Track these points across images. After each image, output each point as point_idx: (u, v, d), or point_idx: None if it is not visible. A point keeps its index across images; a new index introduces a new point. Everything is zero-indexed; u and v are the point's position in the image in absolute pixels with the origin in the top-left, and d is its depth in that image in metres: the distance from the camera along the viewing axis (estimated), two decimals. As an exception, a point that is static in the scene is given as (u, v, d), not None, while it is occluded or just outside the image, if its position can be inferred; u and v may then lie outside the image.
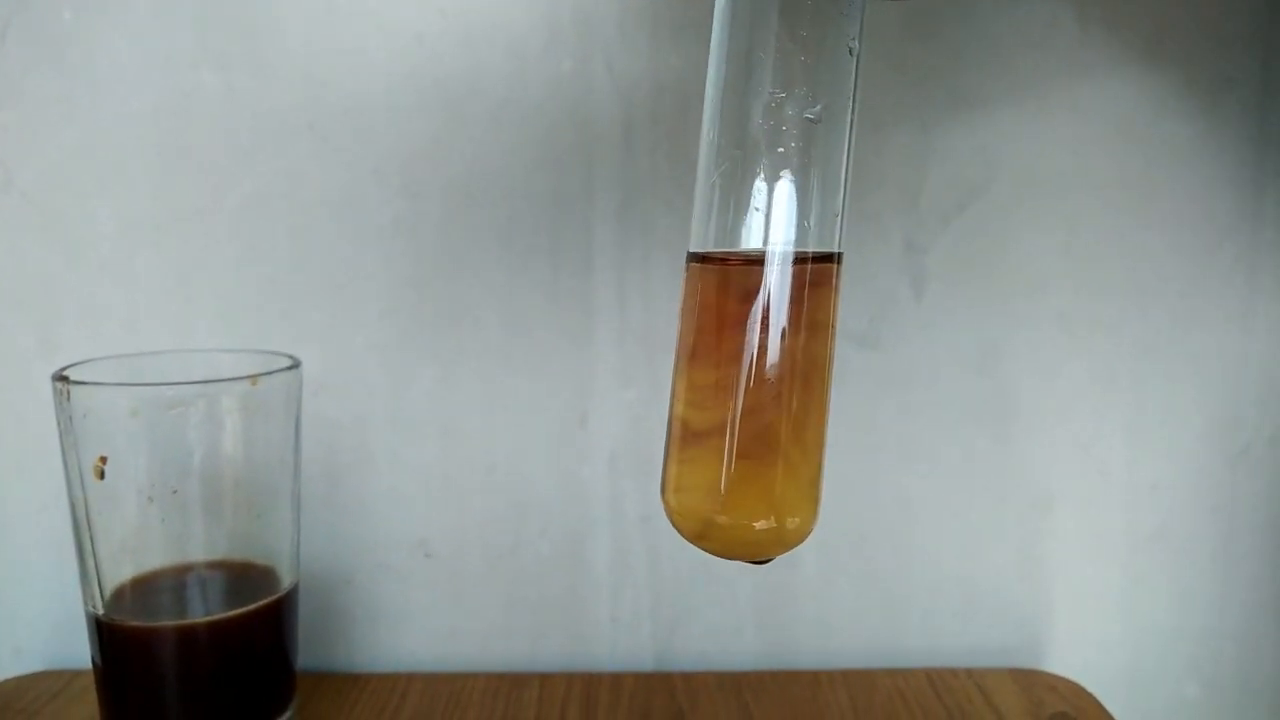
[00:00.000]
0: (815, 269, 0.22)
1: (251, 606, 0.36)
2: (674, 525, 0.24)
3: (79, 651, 0.45)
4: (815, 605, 0.45)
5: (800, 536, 0.23)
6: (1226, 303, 0.43)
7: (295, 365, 0.36)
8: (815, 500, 0.24)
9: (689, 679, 0.44)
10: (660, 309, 0.43)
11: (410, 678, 0.44)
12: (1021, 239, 0.43)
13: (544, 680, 0.43)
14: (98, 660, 0.36)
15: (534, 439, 0.44)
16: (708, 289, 0.23)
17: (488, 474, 0.45)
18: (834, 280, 0.23)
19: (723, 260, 0.22)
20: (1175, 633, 0.46)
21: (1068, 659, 0.45)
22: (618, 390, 0.44)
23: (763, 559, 0.24)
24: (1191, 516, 0.45)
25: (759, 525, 0.22)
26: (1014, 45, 0.42)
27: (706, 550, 0.24)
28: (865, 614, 0.45)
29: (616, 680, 0.43)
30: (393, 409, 0.44)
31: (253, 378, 0.35)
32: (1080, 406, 0.44)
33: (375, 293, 0.43)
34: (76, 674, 0.44)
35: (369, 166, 0.42)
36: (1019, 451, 0.44)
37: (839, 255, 0.23)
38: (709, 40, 0.22)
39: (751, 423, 0.23)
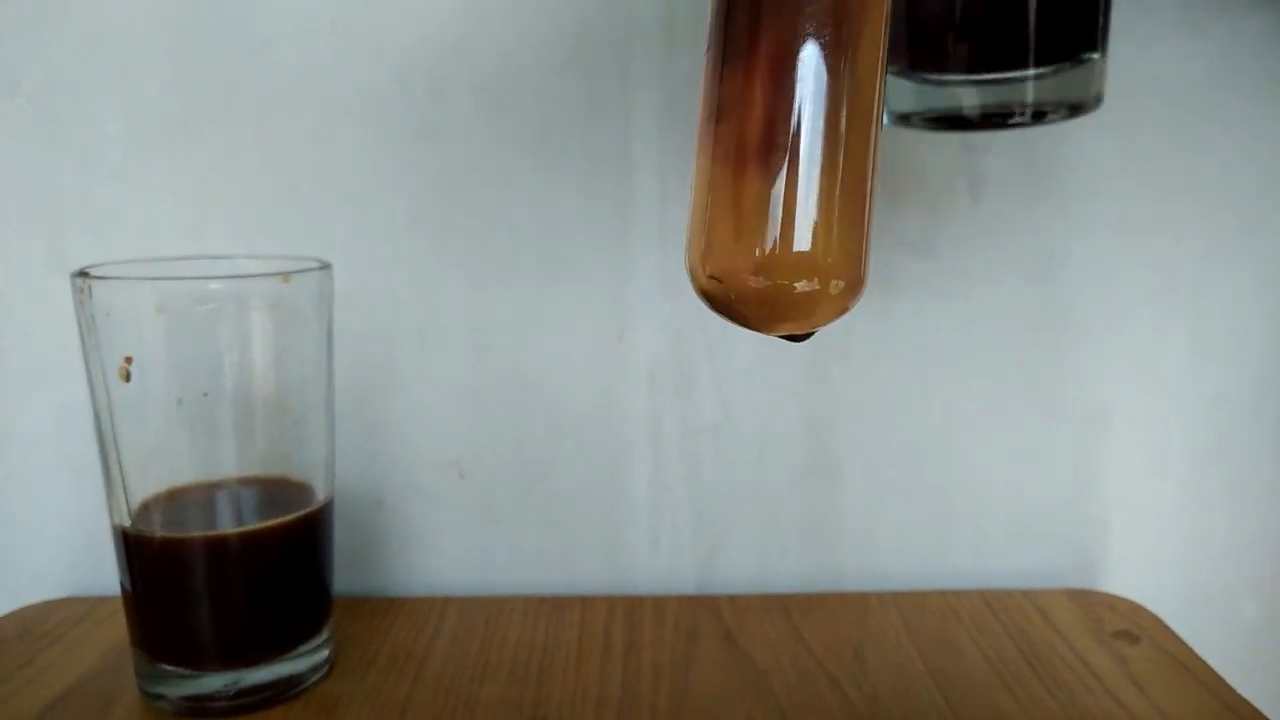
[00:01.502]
0: None
1: (286, 518, 0.34)
2: (702, 293, 0.21)
3: (98, 578, 0.44)
4: (861, 524, 0.44)
5: (844, 305, 0.21)
6: (1295, 204, 0.41)
7: (326, 266, 0.34)
8: (861, 262, 0.21)
9: (734, 601, 0.42)
10: (702, 216, 0.41)
11: (446, 601, 0.42)
12: (1080, 140, 0.41)
13: (585, 603, 0.42)
14: (125, 575, 0.34)
15: (569, 354, 0.43)
16: None
17: (521, 391, 0.43)
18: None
19: None
20: (1233, 551, 0.44)
21: (1121, 579, 0.44)
22: (658, 302, 0.42)
23: (801, 332, 0.22)
24: (1253, 430, 0.43)
25: (799, 287, 0.21)
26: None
27: (737, 320, 0.22)
28: (913, 534, 0.44)
29: (659, 603, 0.42)
30: (421, 323, 0.42)
31: (284, 275, 0.33)
32: (1139, 315, 0.42)
33: (401, 201, 0.41)
34: (100, 600, 0.42)
35: (394, 66, 0.40)
36: (1075, 363, 0.42)
37: None
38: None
39: (793, 163, 0.20)
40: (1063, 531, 0.44)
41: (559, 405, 0.43)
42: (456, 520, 0.44)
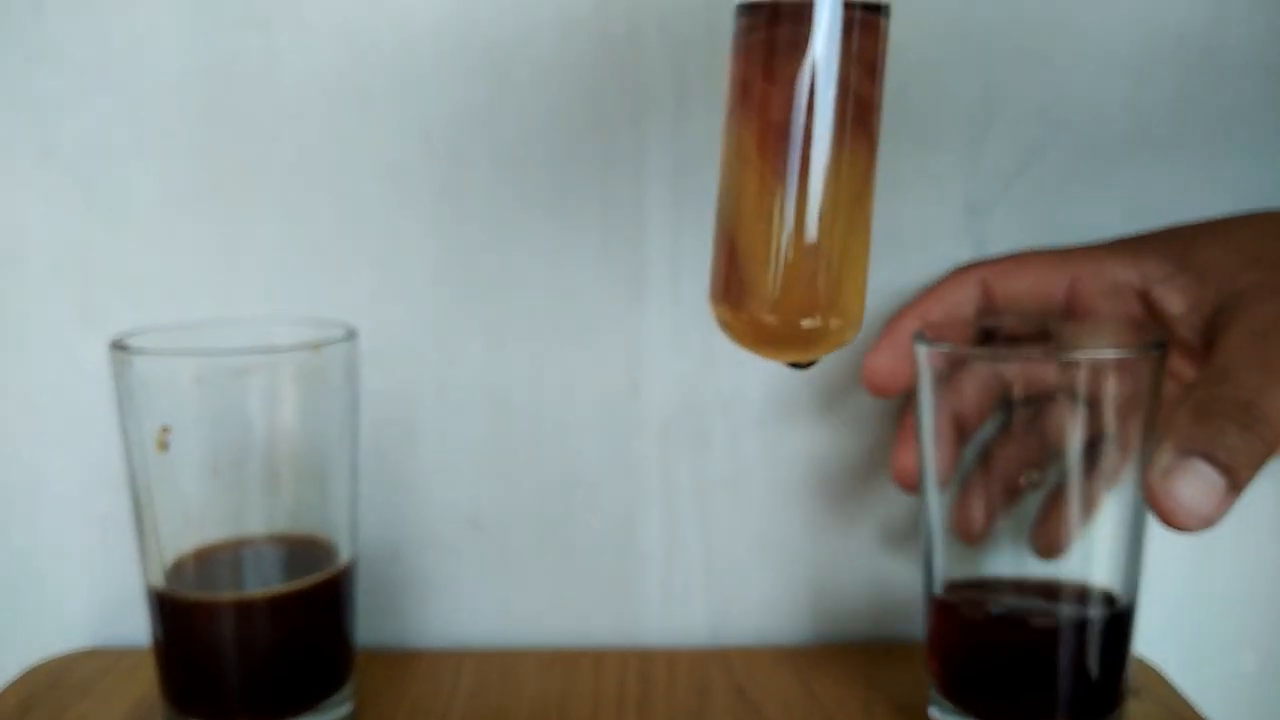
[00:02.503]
0: (864, 16, 0.23)
1: (311, 580, 0.35)
2: (720, 323, 0.25)
3: (123, 629, 0.45)
4: (871, 578, 0.45)
5: (843, 339, 0.25)
6: (1293, 267, 0.42)
7: (354, 335, 0.36)
8: (859, 303, 0.25)
9: (746, 654, 0.43)
10: (715, 277, 0.42)
11: (463, 655, 0.43)
12: (1082, 201, 0.42)
13: (598, 656, 0.43)
14: (157, 633, 0.35)
15: (584, 410, 0.44)
16: (755, 43, 0.23)
17: (537, 445, 0.44)
18: (880, 34, 0.24)
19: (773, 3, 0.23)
20: (1234, 605, 0.45)
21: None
22: (670, 360, 0.43)
23: (805, 361, 0.26)
24: (1252, 486, 0.44)
25: (805, 324, 0.24)
26: (1075, 4, 0.41)
27: (749, 348, 0.25)
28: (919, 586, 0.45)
29: (671, 656, 0.43)
30: (440, 380, 0.43)
31: (315, 346, 0.34)
32: (1142, 374, 0.43)
33: (422, 261, 0.42)
34: (124, 651, 0.43)
35: (416, 132, 0.41)
36: (1079, 420, 0.43)
37: (886, 8, 0.24)
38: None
39: (800, 218, 0.23)
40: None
41: (574, 459, 0.44)
42: (473, 572, 0.45)
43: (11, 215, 0.42)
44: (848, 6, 0.23)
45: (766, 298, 0.24)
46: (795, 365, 0.26)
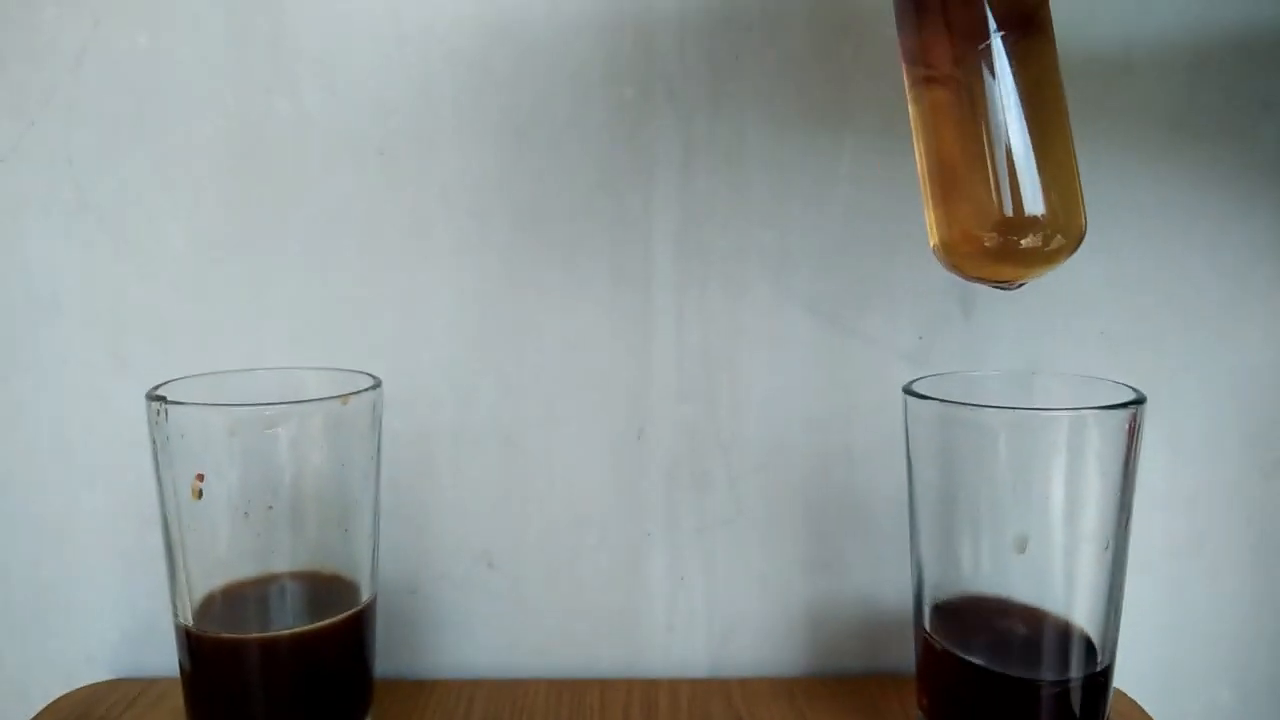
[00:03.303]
0: None
1: (333, 620, 0.37)
2: (946, 259, 0.27)
3: (148, 660, 0.47)
4: (863, 612, 0.47)
5: (1062, 257, 0.26)
6: (1263, 322, 0.45)
7: (378, 384, 0.38)
8: (1077, 212, 0.26)
9: (745, 685, 0.45)
10: (717, 327, 0.45)
11: (475, 684, 0.45)
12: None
13: (604, 686, 0.45)
14: (185, 667, 0.37)
15: (593, 452, 0.46)
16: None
17: (548, 486, 0.46)
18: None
19: None
20: (1210, 640, 0.47)
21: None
22: (674, 405, 0.45)
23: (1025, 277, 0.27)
24: (1227, 527, 0.46)
25: (1025, 243, 0.25)
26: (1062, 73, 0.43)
27: (979, 275, 0.27)
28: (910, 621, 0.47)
29: (674, 686, 0.45)
30: (457, 423, 0.45)
31: (343, 397, 0.36)
32: (1121, 421, 0.45)
33: (441, 310, 0.45)
34: (151, 681, 0.45)
35: (436, 189, 0.44)
36: (1062, 464, 0.46)
37: None
38: (764, 70, 0.25)
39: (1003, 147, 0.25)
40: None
41: (583, 500, 0.46)
42: (486, 606, 0.47)
43: (49, 264, 0.44)
44: None
45: (990, 220, 0.25)
46: (1003, 286, 0.28)
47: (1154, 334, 0.45)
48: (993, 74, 0.25)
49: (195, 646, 0.37)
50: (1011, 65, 0.25)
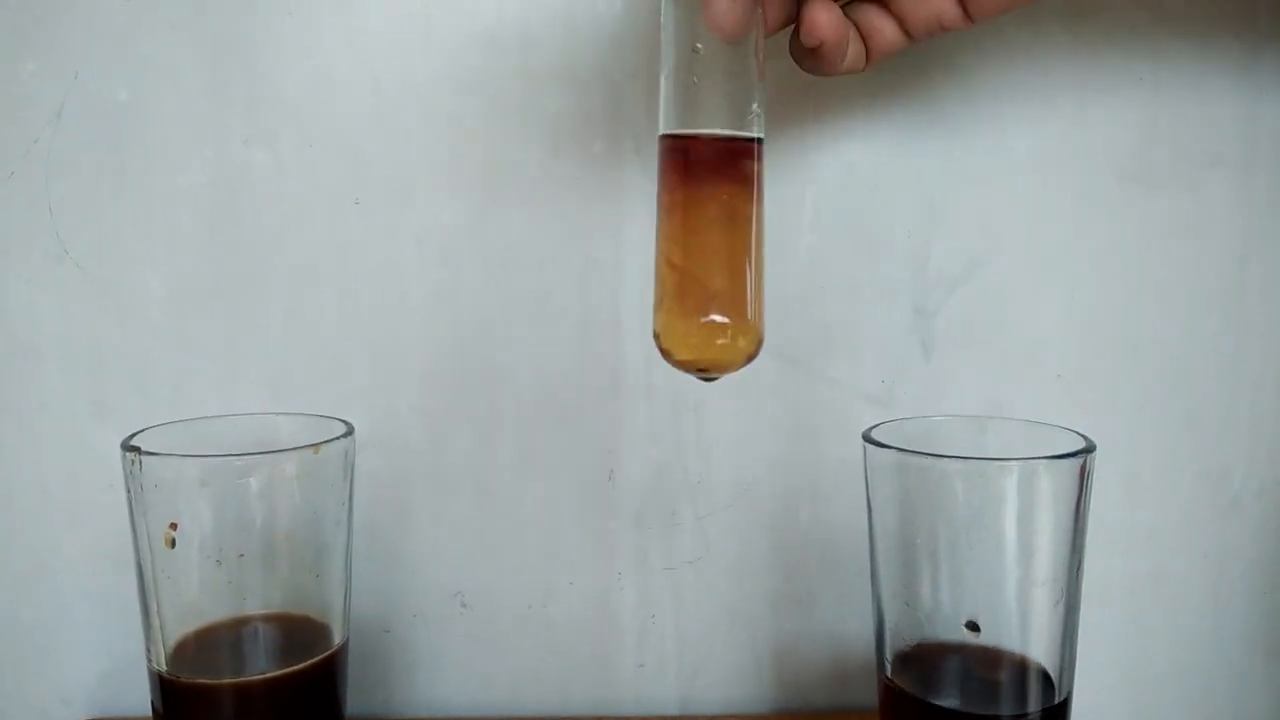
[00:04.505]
0: (740, 145, 0.31)
1: (306, 664, 0.38)
2: (663, 352, 0.32)
3: (123, 700, 0.47)
4: (830, 648, 0.48)
5: (746, 355, 0.32)
6: (1215, 364, 0.46)
7: (350, 431, 0.39)
8: (757, 325, 0.32)
9: (714, 722, 0.46)
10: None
11: (448, 723, 0.46)
12: (1023, 305, 0.46)
13: (576, 725, 0.46)
14: (159, 711, 0.38)
15: (564, 494, 0.47)
16: (668, 162, 0.32)
17: (520, 527, 0.47)
18: (755, 156, 0.31)
19: (674, 137, 0.31)
20: (1171, 673, 0.48)
21: (1070, 699, 0.48)
22: (644, 448, 0.46)
23: (715, 374, 0.33)
24: (1185, 562, 0.48)
25: (718, 342, 0.31)
26: (1014, 126, 0.45)
27: (683, 367, 0.32)
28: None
29: (644, 724, 0.46)
30: (431, 466, 0.46)
31: (315, 446, 0.37)
32: (1079, 461, 0.47)
33: (416, 357, 0.46)
34: (125, 721, 0.46)
35: (411, 238, 0.45)
36: (1022, 503, 0.47)
37: (759, 140, 0.31)
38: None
39: (703, 265, 0.31)
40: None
41: (554, 540, 0.47)
42: (459, 645, 0.47)
43: (29, 311, 0.45)
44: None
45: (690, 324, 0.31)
46: (706, 378, 0.33)
47: (1108, 377, 0.46)
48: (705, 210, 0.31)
49: (169, 691, 0.37)
50: (718, 207, 0.31)
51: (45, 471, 0.46)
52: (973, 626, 0.37)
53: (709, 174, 0.31)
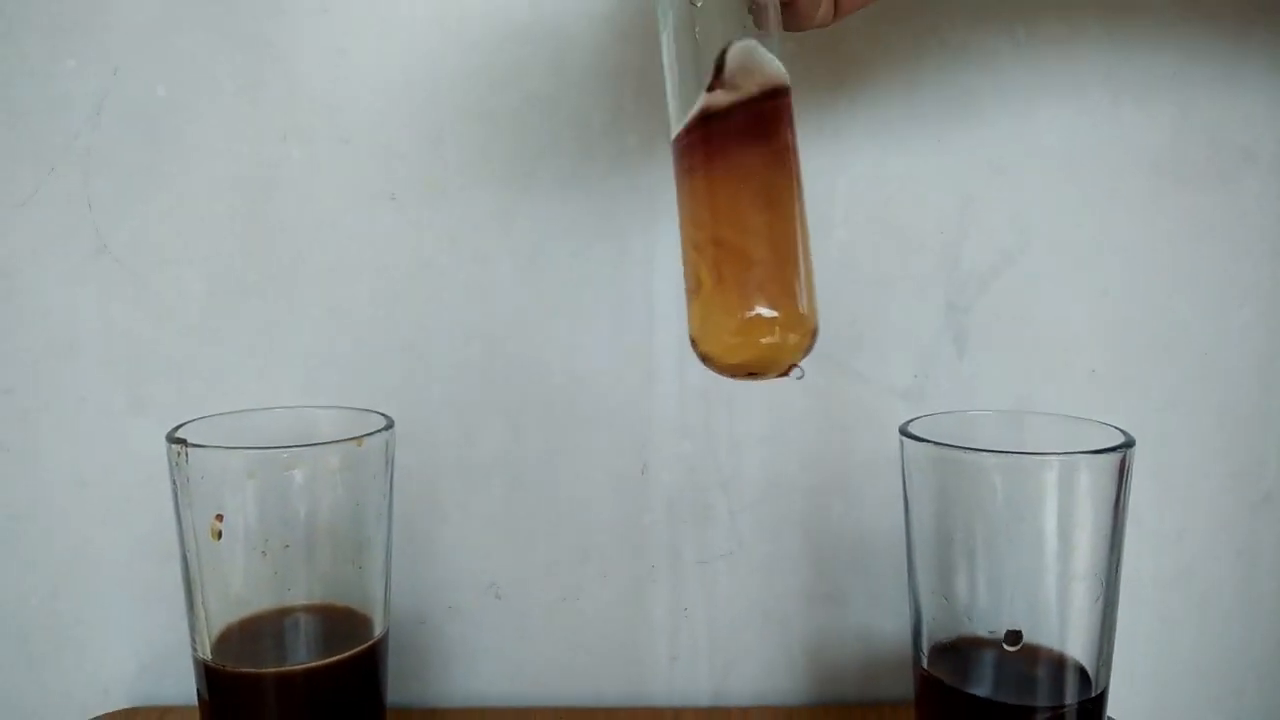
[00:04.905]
0: (764, 103, 0.27)
1: (347, 654, 0.38)
2: (702, 357, 0.28)
3: (162, 690, 0.48)
4: (862, 643, 0.48)
5: (798, 351, 0.28)
6: (1247, 360, 0.46)
7: (391, 424, 0.39)
8: (811, 316, 0.28)
9: (746, 715, 0.46)
10: (718, 366, 0.46)
11: (482, 713, 0.46)
12: (1055, 301, 0.46)
13: (608, 716, 0.46)
14: (205, 698, 0.38)
15: (597, 487, 0.47)
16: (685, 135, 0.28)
17: (553, 520, 0.47)
18: (783, 115, 0.27)
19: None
20: (1198, 670, 0.48)
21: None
22: (676, 442, 0.47)
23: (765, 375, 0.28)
24: (1215, 560, 0.48)
25: (765, 340, 0.27)
26: (1047, 122, 0.45)
27: (728, 371, 0.28)
28: (908, 652, 0.48)
29: (676, 715, 0.46)
30: (464, 459, 0.47)
31: (358, 439, 0.37)
32: (1110, 456, 0.47)
33: (449, 351, 0.46)
34: (163, 709, 0.46)
35: (444, 234, 0.45)
36: (1053, 498, 0.47)
37: (785, 90, 0.27)
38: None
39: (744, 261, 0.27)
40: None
41: (587, 533, 0.47)
42: (492, 638, 0.48)
43: (67, 306, 0.46)
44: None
45: (734, 324, 0.27)
46: (754, 379, 0.29)
47: (1141, 373, 0.46)
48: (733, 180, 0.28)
49: (213, 679, 0.38)
50: (749, 179, 0.27)
51: (83, 465, 0.46)
52: (1013, 638, 0.37)
53: (734, 139, 0.27)
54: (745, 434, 0.47)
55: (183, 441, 0.36)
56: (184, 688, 0.48)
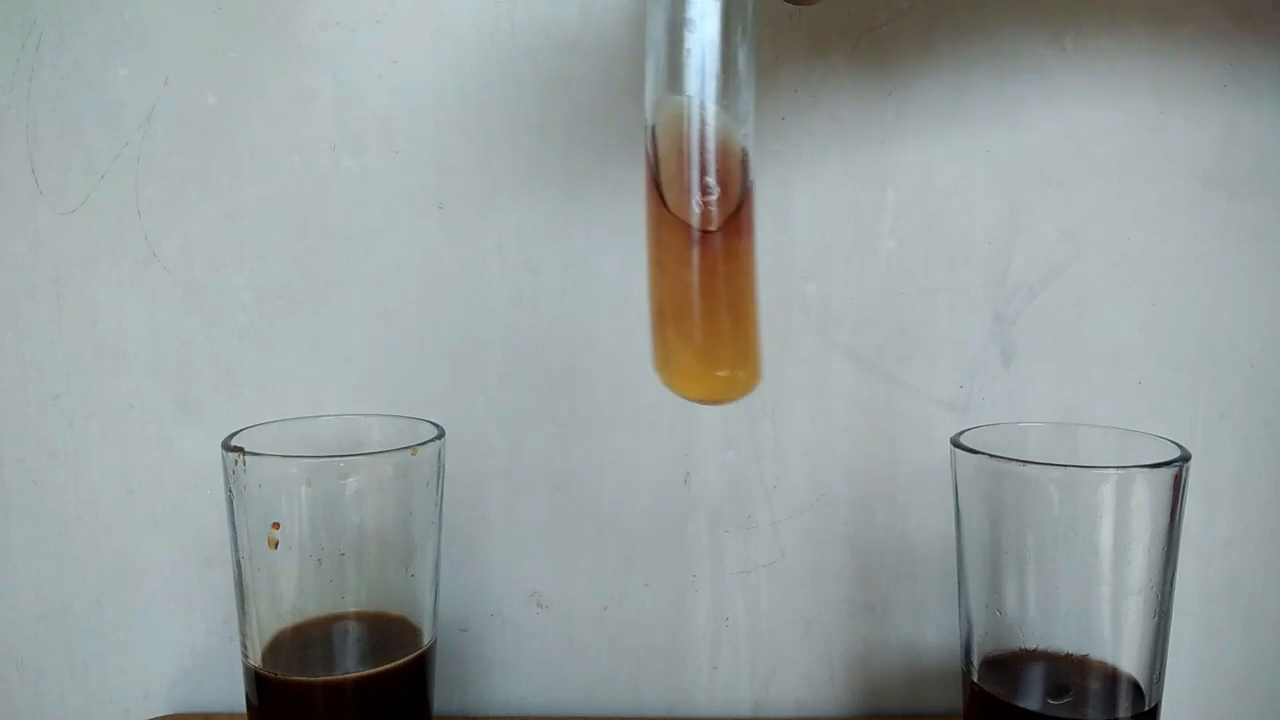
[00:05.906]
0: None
1: (396, 663, 0.38)
2: (664, 382, 0.31)
3: (203, 696, 0.48)
4: (904, 655, 0.48)
5: (746, 387, 0.31)
6: (1295, 372, 0.46)
7: (442, 434, 0.39)
8: (755, 361, 0.31)
9: (789, 726, 0.46)
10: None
11: (524, 722, 0.46)
12: (1102, 312, 0.46)
13: (651, 726, 0.46)
14: (254, 704, 0.38)
15: (640, 496, 0.47)
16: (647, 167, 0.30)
17: (596, 529, 0.47)
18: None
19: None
20: (1245, 683, 0.48)
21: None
22: (719, 451, 0.47)
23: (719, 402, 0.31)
24: (1262, 572, 0.47)
25: (719, 374, 0.30)
26: (1096, 131, 0.45)
27: (690, 396, 0.30)
28: (952, 664, 0.48)
29: (719, 726, 0.46)
30: (509, 467, 0.47)
31: (412, 448, 0.37)
32: (1157, 468, 0.46)
33: (495, 359, 0.46)
34: (206, 716, 0.46)
35: (492, 244, 0.45)
36: (1099, 510, 0.47)
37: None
38: (809, 130, 0.32)
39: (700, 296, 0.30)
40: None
41: (630, 542, 0.47)
42: (535, 646, 0.48)
43: (117, 314, 0.46)
44: None
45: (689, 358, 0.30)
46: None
47: (1189, 384, 0.46)
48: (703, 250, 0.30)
49: (264, 687, 0.38)
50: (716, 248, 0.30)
51: (130, 472, 0.47)
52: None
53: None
54: (789, 444, 0.47)
55: (240, 449, 0.37)
56: (225, 693, 0.48)
